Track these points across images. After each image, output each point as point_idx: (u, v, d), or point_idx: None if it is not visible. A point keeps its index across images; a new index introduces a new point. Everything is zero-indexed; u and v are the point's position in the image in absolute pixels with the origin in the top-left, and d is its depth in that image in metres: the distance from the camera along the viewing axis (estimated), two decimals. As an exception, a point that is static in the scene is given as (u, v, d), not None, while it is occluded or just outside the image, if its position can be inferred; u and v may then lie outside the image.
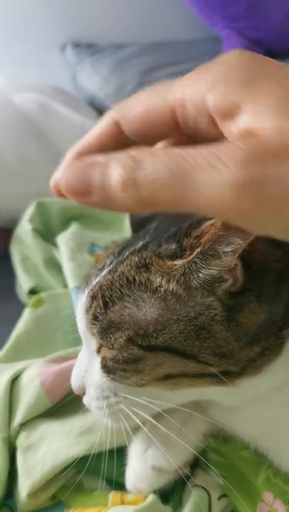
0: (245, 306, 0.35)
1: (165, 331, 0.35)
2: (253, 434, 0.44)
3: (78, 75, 1.44)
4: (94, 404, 0.41)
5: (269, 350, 0.37)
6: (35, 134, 0.93)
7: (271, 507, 0.42)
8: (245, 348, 0.36)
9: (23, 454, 0.46)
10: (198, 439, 0.45)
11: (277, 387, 0.40)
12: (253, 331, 0.36)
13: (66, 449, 0.46)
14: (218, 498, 0.44)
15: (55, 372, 0.50)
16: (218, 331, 0.35)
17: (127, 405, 0.39)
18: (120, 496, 0.44)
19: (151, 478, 0.43)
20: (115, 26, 1.52)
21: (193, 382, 0.37)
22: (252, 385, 0.38)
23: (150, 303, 0.36)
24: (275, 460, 0.43)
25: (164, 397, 0.39)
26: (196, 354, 0.36)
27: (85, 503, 0.44)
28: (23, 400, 0.49)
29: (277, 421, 0.42)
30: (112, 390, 0.39)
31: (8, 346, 0.58)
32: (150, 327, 0.36)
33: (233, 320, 0.35)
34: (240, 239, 0.32)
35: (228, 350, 0.36)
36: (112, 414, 0.40)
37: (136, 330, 0.36)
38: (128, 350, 0.37)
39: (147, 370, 0.37)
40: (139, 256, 0.37)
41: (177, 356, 0.36)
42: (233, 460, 0.45)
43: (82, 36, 1.50)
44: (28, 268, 0.72)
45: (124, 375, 0.38)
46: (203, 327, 0.35)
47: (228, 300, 0.35)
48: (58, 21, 1.47)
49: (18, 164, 0.87)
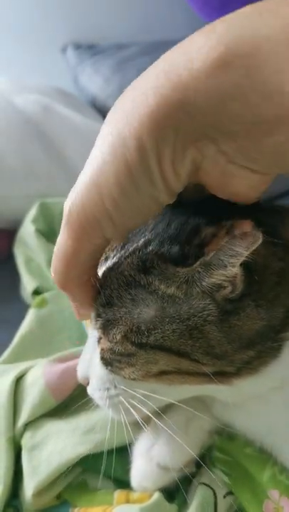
0: (242, 311, 0.35)
1: (158, 330, 0.35)
2: (256, 432, 0.44)
3: (79, 76, 1.44)
4: (96, 395, 0.41)
5: (266, 352, 0.37)
6: (37, 135, 0.93)
7: (277, 504, 0.42)
8: (239, 351, 0.36)
9: (28, 453, 0.46)
10: (203, 436, 0.45)
11: (277, 387, 0.40)
12: (248, 336, 0.35)
13: (72, 447, 0.46)
14: (223, 495, 0.44)
15: (59, 372, 0.50)
16: (211, 331, 0.35)
17: (126, 398, 0.39)
18: (125, 494, 0.44)
19: (157, 476, 0.43)
20: (116, 27, 1.52)
21: (188, 379, 0.37)
22: (249, 384, 0.38)
23: (146, 303, 0.36)
24: (280, 458, 0.43)
25: (163, 391, 0.39)
26: (188, 353, 0.36)
27: (90, 501, 0.44)
28: (28, 400, 0.49)
29: (279, 420, 0.42)
30: (111, 382, 0.39)
31: (13, 346, 0.58)
32: (143, 325, 0.36)
33: (226, 321, 0.35)
34: (244, 248, 0.32)
35: (221, 352, 0.35)
36: (112, 406, 0.40)
37: (130, 327, 0.36)
38: (122, 345, 0.37)
39: (139, 365, 0.37)
40: (140, 255, 0.37)
41: (170, 354, 0.36)
42: (238, 458, 0.45)
43: (83, 37, 1.50)
44: (31, 269, 0.72)
45: (119, 367, 0.38)
46: (196, 327, 0.35)
47: (225, 304, 0.35)
48: (59, 23, 1.48)
49: (20, 165, 0.87)
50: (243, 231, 0.31)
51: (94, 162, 0.30)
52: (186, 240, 0.35)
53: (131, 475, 0.45)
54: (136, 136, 0.27)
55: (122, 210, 0.30)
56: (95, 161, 0.30)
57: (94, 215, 0.30)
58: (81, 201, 0.30)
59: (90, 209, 0.30)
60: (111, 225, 0.31)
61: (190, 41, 0.28)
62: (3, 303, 0.73)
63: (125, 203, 0.30)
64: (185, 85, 0.26)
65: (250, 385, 0.38)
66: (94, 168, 0.30)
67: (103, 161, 0.29)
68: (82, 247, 0.32)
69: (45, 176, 0.89)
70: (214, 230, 0.33)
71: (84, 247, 0.32)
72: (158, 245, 0.36)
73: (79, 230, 0.31)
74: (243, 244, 0.32)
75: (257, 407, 0.42)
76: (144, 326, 0.36)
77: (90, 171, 0.30)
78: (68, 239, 0.32)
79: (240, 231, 0.31)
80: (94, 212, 0.30)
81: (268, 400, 0.41)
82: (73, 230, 0.31)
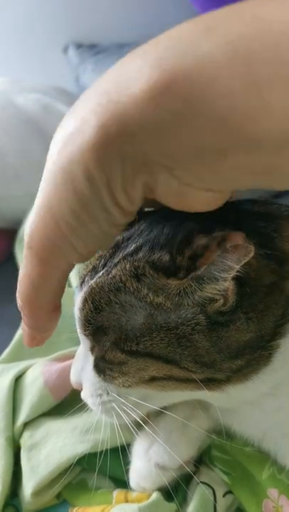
0: (232, 324, 0.34)
1: (146, 337, 0.35)
2: (252, 436, 0.44)
3: (81, 75, 1.44)
4: (89, 401, 0.41)
5: (256, 361, 0.36)
6: (38, 134, 0.94)
7: (276, 503, 0.42)
8: (227, 360, 0.35)
9: (27, 452, 0.47)
10: (201, 436, 0.45)
11: (269, 393, 0.40)
12: (236, 346, 0.35)
13: (71, 447, 0.46)
14: (223, 494, 0.44)
15: (58, 371, 0.50)
16: (199, 340, 0.34)
17: (119, 404, 0.39)
18: (124, 494, 0.44)
19: (155, 476, 0.43)
20: (117, 26, 1.52)
21: (179, 386, 0.37)
22: (240, 391, 0.38)
23: (135, 310, 0.35)
24: (278, 459, 0.43)
25: (155, 397, 0.39)
26: (177, 361, 0.35)
27: (89, 501, 0.44)
28: (27, 399, 0.49)
29: (273, 425, 0.42)
30: (104, 389, 0.39)
31: (13, 346, 0.58)
32: (131, 333, 0.35)
33: (215, 331, 0.34)
34: (235, 262, 0.31)
35: (210, 360, 0.35)
36: (106, 412, 0.40)
37: (119, 335, 0.36)
38: (112, 353, 0.37)
39: (131, 373, 0.37)
40: (131, 262, 0.36)
41: (160, 362, 0.36)
42: (237, 457, 0.45)
43: (85, 37, 1.50)
44: (32, 268, 0.72)
45: (111, 375, 0.38)
46: (184, 335, 0.34)
47: (217, 317, 0.34)
48: (60, 22, 1.48)
49: (21, 165, 0.88)
50: (235, 244, 0.31)
51: (46, 185, 0.28)
52: (178, 250, 0.34)
53: (129, 475, 0.44)
54: (82, 164, 0.26)
55: (80, 236, 0.29)
56: (46, 185, 0.28)
57: (53, 241, 0.29)
58: (39, 227, 0.29)
59: (48, 235, 0.29)
60: (73, 250, 0.30)
61: (130, 61, 0.26)
62: (3, 303, 0.73)
63: (82, 229, 0.28)
64: (124, 114, 0.25)
65: (242, 392, 0.38)
66: (46, 192, 0.28)
67: (55, 184, 0.28)
68: (48, 272, 0.31)
69: (45, 175, 0.89)
70: (206, 241, 0.32)
71: (50, 273, 0.31)
72: (149, 252, 0.35)
73: (43, 256, 0.30)
74: (234, 257, 0.31)
75: (251, 412, 0.42)
76: (132, 334, 0.35)
77: (43, 196, 0.28)
78: (33, 265, 0.30)
79: (231, 244, 0.31)
80: (52, 239, 0.29)
81: (261, 405, 0.41)
82: (37, 256, 0.30)
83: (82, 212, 0.28)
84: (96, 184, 0.26)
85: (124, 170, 0.26)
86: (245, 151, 0.24)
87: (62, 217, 0.28)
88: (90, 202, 0.27)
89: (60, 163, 0.27)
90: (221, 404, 0.42)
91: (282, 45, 0.22)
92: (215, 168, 0.25)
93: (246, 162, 0.25)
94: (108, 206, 0.28)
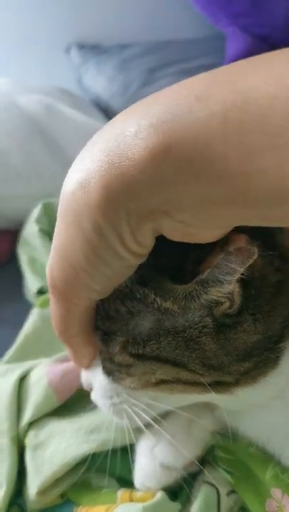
0: (239, 325, 0.35)
1: (153, 341, 0.35)
2: (258, 437, 0.44)
3: (83, 76, 1.45)
4: (100, 402, 0.41)
5: (264, 363, 0.37)
6: (41, 135, 0.94)
7: (280, 503, 0.42)
8: (235, 362, 0.35)
9: (32, 452, 0.47)
10: (205, 436, 0.45)
11: (277, 396, 0.40)
12: (244, 348, 0.35)
13: (76, 446, 0.46)
14: (226, 494, 0.44)
15: (62, 371, 0.50)
16: (207, 343, 0.35)
17: (129, 406, 0.39)
18: (129, 493, 0.44)
19: (160, 475, 0.43)
20: (119, 27, 1.53)
21: (187, 389, 0.37)
22: (249, 393, 0.38)
23: (142, 315, 0.35)
24: (282, 459, 0.43)
25: (165, 399, 0.39)
26: (185, 363, 0.36)
27: (93, 500, 0.44)
28: (31, 399, 0.49)
29: (279, 428, 0.42)
30: (114, 390, 0.39)
31: (17, 346, 0.59)
32: (139, 337, 0.36)
33: (222, 334, 0.35)
34: (239, 265, 0.31)
35: (218, 363, 0.35)
36: (116, 413, 0.40)
37: (127, 338, 0.36)
38: (121, 356, 0.37)
39: (138, 375, 0.37)
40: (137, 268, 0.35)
41: (168, 365, 0.36)
42: (241, 457, 0.45)
43: (87, 37, 1.50)
44: (35, 269, 0.72)
45: (119, 376, 0.38)
46: (191, 338, 0.35)
47: (224, 319, 0.35)
48: (63, 23, 1.48)
49: (23, 165, 0.88)
50: (238, 246, 0.31)
51: (61, 231, 0.30)
52: (183, 253, 0.34)
53: (134, 475, 0.45)
54: (91, 219, 0.28)
55: (96, 278, 0.31)
56: (61, 230, 0.30)
57: (71, 283, 0.32)
58: (58, 269, 0.32)
59: (66, 278, 0.31)
60: (91, 289, 0.32)
61: (125, 121, 0.28)
62: (5, 303, 0.74)
63: (97, 273, 0.31)
64: (126, 176, 0.26)
65: (250, 395, 0.38)
66: (62, 239, 0.30)
67: (68, 233, 0.30)
68: (72, 308, 0.34)
69: (48, 175, 0.89)
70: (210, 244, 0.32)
71: (73, 309, 0.34)
72: (155, 257, 0.35)
73: (64, 295, 0.33)
74: (237, 260, 0.31)
75: (258, 414, 0.42)
76: (140, 337, 0.36)
77: (59, 240, 0.31)
78: (57, 303, 0.34)
79: (234, 246, 0.31)
80: (70, 281, 0.32)
81: (269, 407, 0.41)
82: (60, 294, 0.33)
83: (96, 259, 0.30)
84: (106, 236, 0.28)
85: (131, 221, 0.28)
86: (243, 205, 0.26)
87: (77, 263, 0.30)
88: (103, 251, 0.29)
89: (71, 215, 0.29)
90: (229, 406, 0.42)
91: (268, 116, 0.23)
92: (216, 214, 0.27)
93: (244, 214, 0.26)
94: (120, 253, 0.29)
